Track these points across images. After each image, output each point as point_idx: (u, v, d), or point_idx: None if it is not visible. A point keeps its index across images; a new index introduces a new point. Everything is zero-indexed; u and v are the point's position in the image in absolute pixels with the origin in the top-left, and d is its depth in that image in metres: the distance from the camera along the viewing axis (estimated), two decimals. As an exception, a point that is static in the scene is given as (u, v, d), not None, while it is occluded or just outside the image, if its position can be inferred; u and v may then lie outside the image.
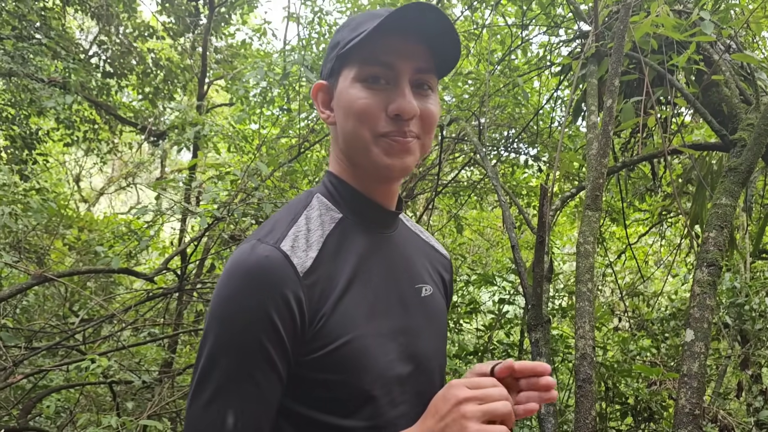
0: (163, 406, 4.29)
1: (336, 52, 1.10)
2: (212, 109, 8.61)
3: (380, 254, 1.13)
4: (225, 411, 0.95)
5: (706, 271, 2.64)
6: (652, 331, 6.09)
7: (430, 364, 1.16)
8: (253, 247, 1.00)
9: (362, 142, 1.07)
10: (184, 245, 4.48)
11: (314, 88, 1.16)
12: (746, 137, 3.05)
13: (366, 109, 1.05)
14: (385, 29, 1.02)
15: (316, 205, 1.12)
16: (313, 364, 1.00)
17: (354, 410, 1.02)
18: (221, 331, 0.96)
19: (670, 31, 3.20)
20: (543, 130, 5.62)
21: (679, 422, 2.42)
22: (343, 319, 1.02)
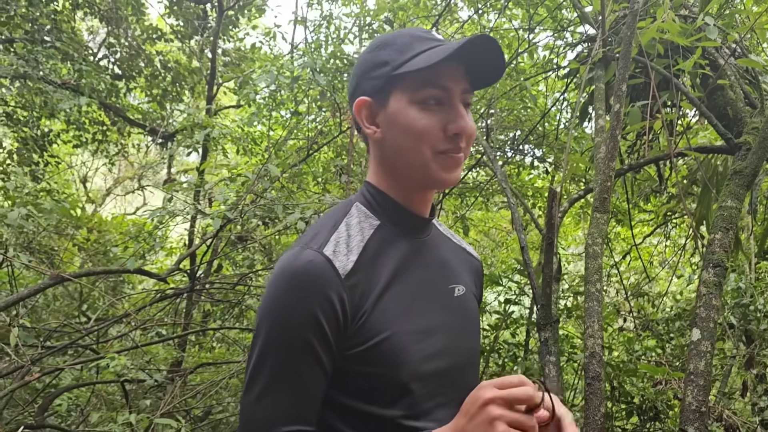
0: (175, 405, 4.36)
1: (386, 71, 1.16)
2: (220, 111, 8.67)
3: (416, 258, 1.22)
4: (274, 404, 1.05)
5: (712, 271, 2.70)
6: (657, 331, 6.13)
7: (464, 359, 1.24)
8: (298, 252, 1.09)
9: (422, 160, 1.16)
10: (196, 246, 4.55)
11: (357, 105, 1.21)
12: (751, 141, 3.10)
13: (427, 129, 1.13)
14: (449, 58, 1.10)
15: (355, 213, 1.21)
16: (355, 358, 1.09)
17: (393, 401, 1.10)
18: (271, 331, 1.07)
19: (675, 36, 3.26)
20: (549, 132, 5.67)
21: (686, 419, 2.48)
22: (382, 317, 1.10)
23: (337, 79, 5.17)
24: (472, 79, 1.18)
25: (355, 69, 1.24)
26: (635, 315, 6.75)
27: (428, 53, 1.12)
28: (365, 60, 1.21)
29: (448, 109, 1.15)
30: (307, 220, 3.91)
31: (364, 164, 6.28)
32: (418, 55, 1.13)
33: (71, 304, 6.13)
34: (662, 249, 8.41)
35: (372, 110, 1.20)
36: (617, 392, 5.14)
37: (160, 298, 4.40)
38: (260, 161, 5.86)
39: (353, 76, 1.24)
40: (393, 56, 1.16)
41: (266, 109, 5.38)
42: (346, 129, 5.94)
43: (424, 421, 1.13)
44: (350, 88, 1.26)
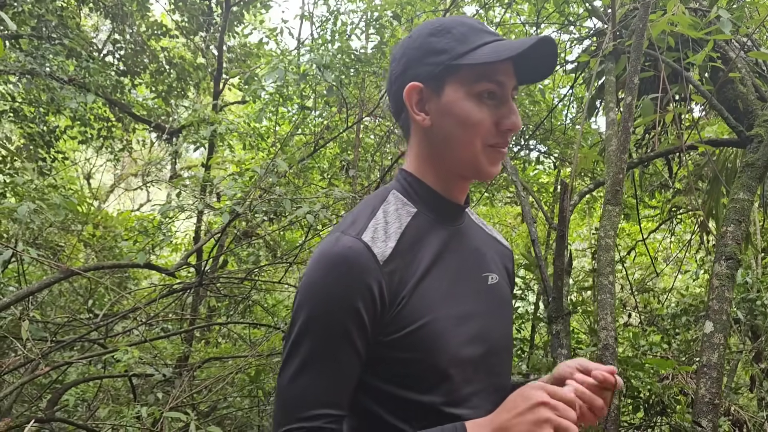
0: (182, 400, 4.37)
1: (444, 59, 1.15)
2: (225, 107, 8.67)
3: (452, 245, 1.22)
4: (308, 385, 1.07)
5: (725, 264, 2.70)
6: (662, 326, 6.13)
7: (499, 346, 1.24)
8: (337, 238, 1.10)
9: (472, 152, 1.17)
10: (204, 241, 4.56)
11: (409, 89, 1.19)
12: (763, 133, 3.10)
13: (481, 122, 1.14)
14: (516, 57, 1.11)
15: (392, 200, 1.22)
16: (394, 344, 1.09)
17: (431, 387, 1.11)
18: (309, 314, 1.08)
19: (686, 29, 3.25)
20: (556, 127, 5.67)
21: (699, 411, 2.48)
22: (420, 303, 1.11)
23: (343, 74, 5.17)
24: (519, 74, 1.19)
25: (403, 51, 1.21)
26: (641, 310, 6.75)
27: (490, 48, 1.12)
28: (419, 44, 1.18)
29: (502, 104, 1.16)
30: (315, 214, 3.91)
31: (370, 159, 6.29)
32: (479, 48, 1.13)
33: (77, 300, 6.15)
34: (667, 245, 8.41)
35: (423, 96, 1.19)
36: (624, 386, 5.14)
37: (168, 293, 4.41)
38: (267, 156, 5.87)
39: (400, 59, 1.21)
40: (452, 45, 1.15)
41: (273, 104, 5.38)
42: (353, 124, 5.94)
43: (462, 408, 1.14)
44: (396, 71, 1.22)
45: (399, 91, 1.21)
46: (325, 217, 4.00)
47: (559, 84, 6.35)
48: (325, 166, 6.52)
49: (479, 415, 1.11)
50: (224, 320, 6.05)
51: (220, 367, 5.47)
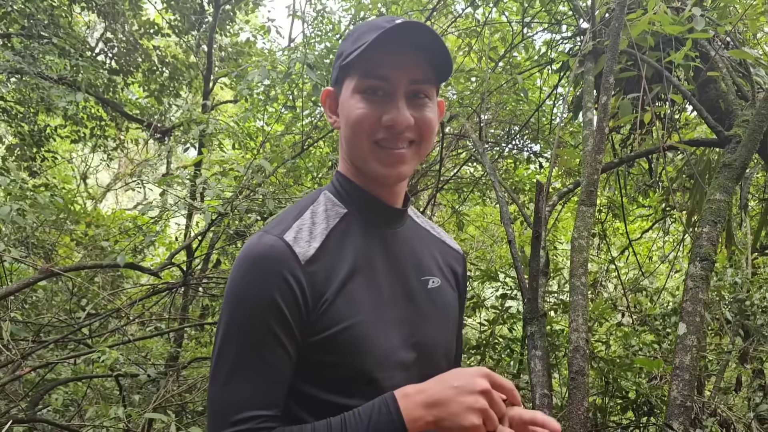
0: (168, 399, 4.37)
1: (339, 62, 1.19)
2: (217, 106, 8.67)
3: (385, 248, 1.22)
4: (238, 387, 1.05)
5: (699, 265, 2.68)
6: (654, 326, 6.11)
7: (436, 352, 1.24)
8: (260, 237, 1.11)
9: (360, 150, 1.17)
10: (188, 241, 4.55)
11: (323, 94, 1.26)
12: (741, 133, 3.08)
13: (362, 118, 1.14)
14: (378, 45, 1.10)
15: (323, 201, 1.22)
16: (318, 347, 1.09)
17: (357, 390, 1.11)
18: (232, 314, 1.08)
19: (667, 27, 3.23)
20: (544, 126, 5.65)
21: (671, 414, 2.47)
22: (345, 305, 1.10)
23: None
24: (435, 70, 1.17)
25: None
26: (633, 310, 6.74)
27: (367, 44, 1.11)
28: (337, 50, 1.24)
29: (387, 100, 1.14)
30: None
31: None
32: (362, 45, 1.12)
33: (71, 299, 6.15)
34: (661, 244, 8.38)
35: (334, 100, 1.24)
36: (612, 387, 5.13)
37: (153, 293, 4.40)
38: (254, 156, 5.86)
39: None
40: (347, 46, 1.17)
41: (261, 104, 5.37)
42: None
43: None
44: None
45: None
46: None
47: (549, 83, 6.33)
48: (315, 165, 6.50)
49: None
50: (213, 320, 6.05)
51: (207, 366, 5.47)
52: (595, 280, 7.11)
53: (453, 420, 1.00)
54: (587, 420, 2.31)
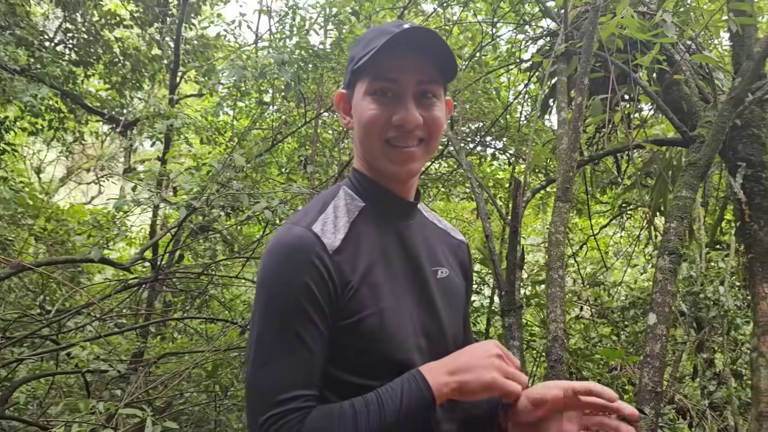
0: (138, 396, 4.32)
1: (351, 66, 1.27)
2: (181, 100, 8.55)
3: (400, 239, 1.29)
4: (278, 369, 1.12)
5: (668, 259, 2.83)
6: (612, 319, 6.32)
7: (445, 338, 1.31)
8: (288, 229, 1.18)
9: (372, 149, 1.25)
10: (160, 235, 4.51)
11: (337, 97, 1.33)
12: (705, 134, 3.25)
13: (374, 119, 1.22)
14: (386, 49, 1.18)
15: (342, 195, 1.30)
16: (345, 331, 1.16)
17: (381, 373, 1.17)
18: (267, 298, 1.15)
19: (634, 31, 3.38)
20: (511, 124, 5.79)
21: (642, 399, 2.60)
22: (369, 293, 1.18)
23: (302, 69, 5.17)
24: (441, 70, 1.25)
25: None
26: (592, 303, 6.95)
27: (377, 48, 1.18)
28: (349, 55, 1.31)
29: (397, 100, 1.22)
30: (273, 209, 3.91)
31: (328, 155, 6.30)
32: (372, 50, 1.19)
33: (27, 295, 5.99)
34: (617, 239, 8.66)
35: (347, 103, 1.31)
36: (575, 377, 5.31)
37: (124, 288, 4.35)
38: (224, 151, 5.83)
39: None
40: (357, 51, 1.25)
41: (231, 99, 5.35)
42: (311, 120, 5.95)
43: None
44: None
45: None
46: (283, 212, 4.01)
47: (516, 82, 6.48)
48: (283, 161, 6.50)
49: None
50: (180, 315, 5.99)
51: (176, 362, 5.42)
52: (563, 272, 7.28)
53: (475, 380, 1.11)
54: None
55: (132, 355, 5.40)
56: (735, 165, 3.42)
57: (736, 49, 3.55)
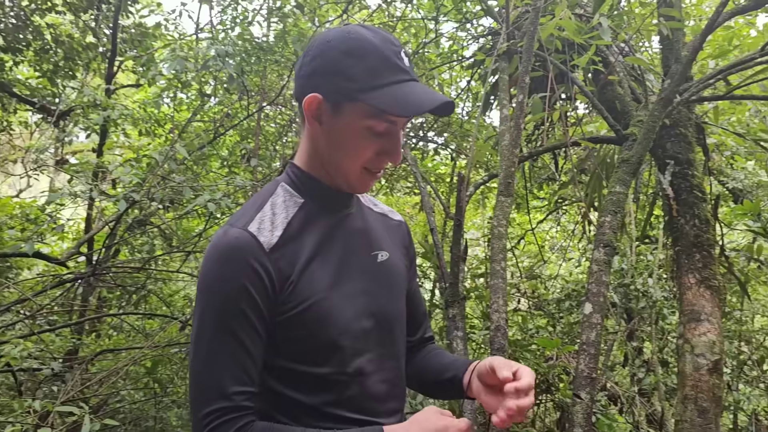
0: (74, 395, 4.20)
1: (351, 89, 1.19)
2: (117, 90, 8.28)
3: (339, 230, 1.33)
4: (219, 367, 1.16)
5: (603, 251, 2.97)
6: (548, 311, 6.54)
7: (390, 318, 1.37)
8: (226, 231, 1.22)
9: (347, 171, 1.27)
10: (98, 228, 4.38)
11: (309, 99, 1.23)
12: (637, 132, 3.41)
13: (365, 153, 1.24)
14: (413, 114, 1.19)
15: (281, 192, 1.32)
16: (288, 323, 1.21)
17: (324, 359, 1.23)
18: (207, 301, 1.18)
19: (572, 33, 3.51)
20: (453, 120, 5.89)
21: (579, 385, 2.73)
22: (308, 284, 1.22)
23: (245, 62, 5.12)
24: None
25: (318, 54, 1.23)
26: (529, 296, 7.17)
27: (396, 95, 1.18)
28: (332, 59, 1.21)
29: (390, 138, 1.25)
30: (217, 202, 3.88)
31: (272, 148, 6.26)
32: (386, 87, 1.19)
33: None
34: (553, 234, 8.94)
35: (321, 109, 1.24)
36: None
37: (60, 283, 4.20)
38: (164, 143, 5.70)
39: (312, 60, 1.24)
40: (362, 77, 1.19)
41: (171, 90, 5.24)
42: (254, 113, 5.89)
43: (354, 376, 1.27)
44: (306, 69, 1.26)
45: (301, 89, 1.26)
46: (227, 206, 3.97)
47: (457, 78, 6.60)
48: (225, 154, 6.41)
49: (369, 383, 1.28)
50: (117, 311, 5.84)
51: (113, 359, 5.28)
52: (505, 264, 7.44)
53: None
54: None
55: (66, 352, 5.23)
56: (664, 162, 3.61)
57: (665, 52, 3.74)
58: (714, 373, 3.01)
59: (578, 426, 2.59)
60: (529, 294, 7.21)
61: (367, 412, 1.28)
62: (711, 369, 3.01)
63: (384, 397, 1.32)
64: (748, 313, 6.28)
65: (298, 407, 1.23)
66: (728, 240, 7.10)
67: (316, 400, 1.23)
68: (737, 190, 5.66)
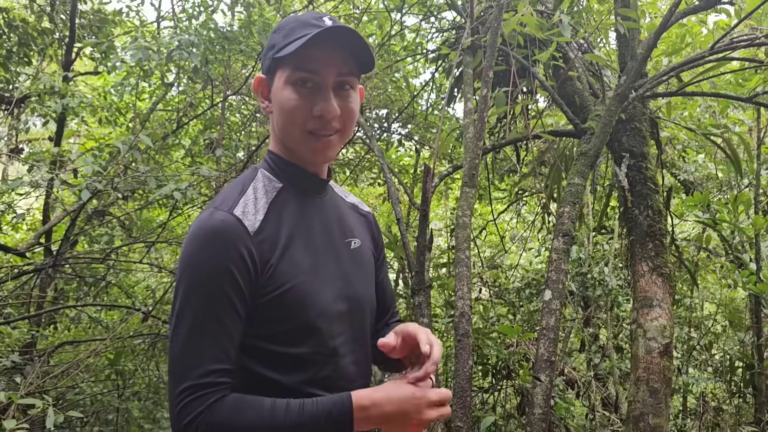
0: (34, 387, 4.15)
1: (272, 54, 1.31)
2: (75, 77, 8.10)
3: (317, 215, 1.39)
4: (198, 346, 1.19)
5: (562, 240, 3.09)
6: (509, 299, 6.69)
7: (362, 302, 1.44)
8: (211, 214, 1.24)
9: (293, 137, 1.33)
10: (58, 218, 4.32)
11: (256, 81, 1.37)
12: (594, 126, 3.54)
13: (295, 109, 1.29)
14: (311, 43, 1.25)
15: (260, 178, 1.37)
16: (267, 305, 1.25)
17: (302, 340, 1.29)
18: (190, 282, 1.21)
19: (533, 29, 3.62)
20: (417, 112, 5.97)
21: (539, 368, 2.84)
22: (288, 267, 1.27)
23: (209, 51, 5.08)
24: (359, 64, 1.34)
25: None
26: (490, 285, 7.32)
27: (299, 41, 1.26)
28: (269, 40, 1.36)
29: (317, 91, 1.30)
30: (183, 191, 3.87)
31: (236, 138, 6.24)
32: (295, 40, 1.27)
33: None
34: (514, 225, 9.13)
35: (266, 87, 1.36)
36: (475, 354, 5.60)
37: (19, 274, 4.14)
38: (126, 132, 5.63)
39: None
40: (278, 40, 1.31)
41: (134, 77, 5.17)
42: (218, 102, 5.86)
43: (329, 356, 1.33)
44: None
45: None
46: (192, 195, 3.97)
47: (422, 71, 6.67)
48: (189, 143, 6.36)
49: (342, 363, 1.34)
50: (78, 303, 5.75)
51: (72, 352, 5.21)
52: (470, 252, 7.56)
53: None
54: (471, 375, 2.60)
55: (23, 345, 5.13)
56: (620, 155, 3.75)
57: (622, 49, 3.88)
58: (665, 356, 3.17)
59: (538, 406, 2.71)
60: (490, 283, 7.36)
61: (338, 390, 1.32)
62: (662, 352, 3.17)
63: (354, 377, 1.39)
64: (698, 300, 6.55)
65: (273, 386, 1.27)
66: (680, 230, 7.39)
67: (291, 379, 1.28)
68: (688, 182, 5.89)
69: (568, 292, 6.02)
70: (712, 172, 5.97)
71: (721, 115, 5.62)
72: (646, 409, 3.10)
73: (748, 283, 3.77)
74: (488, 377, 5.75)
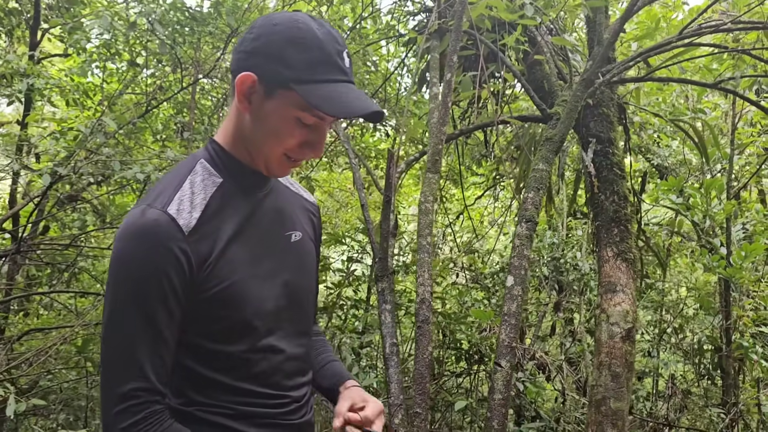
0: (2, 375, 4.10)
1: (286, 77, 1.20)
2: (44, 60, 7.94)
3: (256, 211, 1.35)
4: (132, 349, 1.16)
5: (525, 226, 3.08)
6: (485, 284, 6.72)
7: (301, 297, 1.42)
8: (143, 211, 1.19)
9: (269, 155, 1.29)
10: (21, 205, 4.24)
11: (243, 77, 1.22)
12: (561, 111, 3.53)
13: (290, 141, 1.26)
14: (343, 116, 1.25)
15: (200, 170, 1.31)
16: (203, 303, 1.22)
17: (238, 338, 1.27)
18: (122, 285, 1.17)
19: (502, 12, 3.58)
20: (391, 96, 5.92)
21: (501, 354, 2.85)
22: (226, 266, 1.24)
23: (177, 32, 4.99)
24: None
25: (262, 35, 1.23)
26: (467, 270, 7.34)
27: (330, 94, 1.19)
28: (276, 44, 1.21)
29: (316, 132, 1.27)
30: (147, 175, 3.81)
31: (207, 122, 6.15)
32: (321, 84, 1.20)
33: None
34: (491, 209, 9.14)
35: (254, 90, 1.24)
36: (448, 339, 5.63)
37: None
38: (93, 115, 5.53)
39: (255, 40, 1.23)
40: (300, 67, 1.20)
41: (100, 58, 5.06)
42: (188, 86, 5.77)
43: (264, 352, 1.31)
44: (243, 49, 1.25)
45: (237, 64, 1.25)
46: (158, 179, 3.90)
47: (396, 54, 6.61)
48: (159, 127, 6.27)
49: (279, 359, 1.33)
50: (47, 289, 5.68)
51: (43, 339, 5.16)
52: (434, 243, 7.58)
53: None
54: (431, 361, 2.60)
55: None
56: (587, 141, 3.74)
57: (590, 34, 3.86)
58: (627, 341, 3.19)
59: (498, 392, 2.72)
60: (466, 268, 7.38)
61: (276, 386, 1.33)
62: (624, 337, 3.19)
63: (293, 373, 1.38)
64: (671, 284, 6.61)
65: (210, 383, 1.26)
66: (653, 215, 7.44)
67: (226, 375, 1.26)
68: (662, 167, 5.91)
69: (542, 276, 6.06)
70: (686, 157, 6.00)
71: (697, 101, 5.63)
72: (608, 393, 3.12)
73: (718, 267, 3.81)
74: (461, 362, 5.79)
